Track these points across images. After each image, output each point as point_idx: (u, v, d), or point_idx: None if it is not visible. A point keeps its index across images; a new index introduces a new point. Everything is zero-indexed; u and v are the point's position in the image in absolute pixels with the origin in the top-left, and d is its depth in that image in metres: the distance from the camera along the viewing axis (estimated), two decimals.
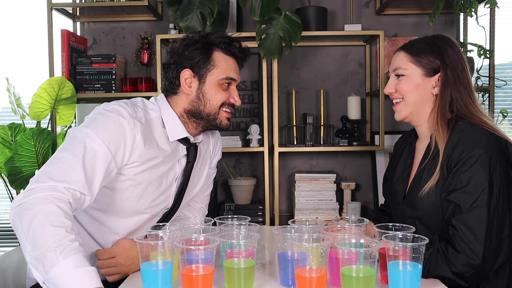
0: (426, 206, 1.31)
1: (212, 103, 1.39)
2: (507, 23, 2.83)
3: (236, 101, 1.44)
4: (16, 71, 2.92)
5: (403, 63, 1.39)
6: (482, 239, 1.17)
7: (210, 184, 1.66)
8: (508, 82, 2.61)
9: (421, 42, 1.40)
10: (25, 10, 3.03)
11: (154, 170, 1.34)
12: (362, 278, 1.00)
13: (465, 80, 1.36)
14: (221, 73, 1.39)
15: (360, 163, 2.73)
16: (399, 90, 1.40)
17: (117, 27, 2.74)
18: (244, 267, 1.06)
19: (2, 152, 2.35)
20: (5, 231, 3.06)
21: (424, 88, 1.37)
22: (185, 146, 1.43)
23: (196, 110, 1.40)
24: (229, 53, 1.42)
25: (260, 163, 2.73)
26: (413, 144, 1.49)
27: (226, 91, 1.41)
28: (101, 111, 1.29)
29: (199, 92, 1.39)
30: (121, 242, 1.30)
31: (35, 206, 1.06)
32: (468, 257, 1.17)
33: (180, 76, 1.39)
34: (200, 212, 1.63)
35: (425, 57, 1.37)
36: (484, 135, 1.27)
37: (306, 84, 2.72)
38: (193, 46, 1.39)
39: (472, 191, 1.21)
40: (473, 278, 1.18)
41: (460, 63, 1.36)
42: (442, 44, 1.38)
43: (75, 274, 0.98)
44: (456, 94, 1.34)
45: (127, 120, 1.27)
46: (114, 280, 1.26)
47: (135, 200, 1.34)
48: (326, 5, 2.60)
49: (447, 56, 1.36)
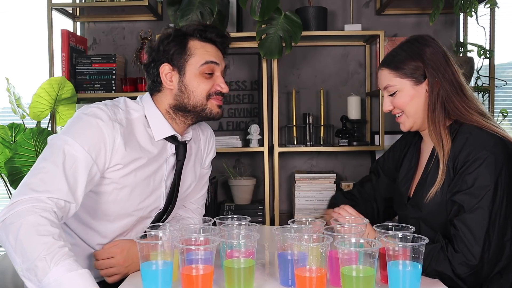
0: (430, 207, 1.31)
1: (196, 94, 1.35)
2: (507, 23, 2.83)
3: (223, 87, 1.37)
4: (16, 71, 2.91)
5: (390, 80, 1.38)
6: (481, 241, 1.17)
7: (204, 184, 1.64)
8: (508, 82, 2.61)
9: (398, 53, 1.38)
10: (25, 10, 3.03)
11: (139, 172, 1.32)
12: (362, 278, 1.00)
13: (450, 77, 1.33)
14: (199, 59, 1.34)
15: (360, 163, 2.73)
16: (397, 105, 1.39)
17: (117, 27, 2.74)
18: (244, 267, 1.06)
19: (2, 152, 2.34)
20: None
21: (419, 96, 1.36)
22: (174, 145, 1.40)
23: (181, 103, 1.36)
24: (205, 40, 1.37)
25: (260, 163, 2.73)
26: (417, 144, 1.49)
27: (209, 79, 1.36)
28: (79, 115, 1.26)
29: (181, 85, 1.35)
30: (119, 242, 1.29)
31: (19, 219, 1.04)
32: (465, 257, 1.17)
33: (160, 72, 1.35)
34: (196, 212, 1.61)
35: (408, 67, 1.35)
36: (491, 138, 1.27)
37: (306, 84, 2.72)
38: (167, 39, 1.36)
39: (476, 193, 1.20)
40: (471, 279, 1.18)
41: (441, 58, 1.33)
42: (418, 47, 1.36)
43: (69, 278, 0.97)
44: (445, 94, 1.32)
45: (106, 122, 1.24)
46: (113, 281, 1.26)
47: (121, 203, 1.31)
48: (326, 5, 2.60)
49: (426, 57, 1.34)
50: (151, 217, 1.42)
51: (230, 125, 2.72)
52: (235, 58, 2.71)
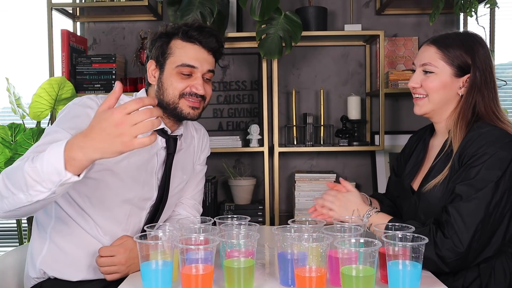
0: (434, 199, 1.31)
1: (169, 92, 1.38)
2: (507, 23, 2.83)
3: (198, 89, 1.38)
4: (16, 71, 2.91)
5: (434, 59, 1.34)
6: (472, 230, 1.18)
7: (200, 180, 1.66)
8: (508, 82, 2.61)
9: (453, 38, 1.34)
10: (25, 10, 3.03)
11: (131, 159, 1.35)
12: (362, 277, 1.00)
13: (491, 84, 1.33)
14: (176, 60, 1.38)
15: (360, 163, 2.73)
16: (425, 86, 1.36)
17: (117, 27, 2.74)
18: (244, 267, 1.06)
19: (2, 152, 2.34)
20: (5, 231, 3.06)
21: (451, 88, 1.34)
22: (164, 139, 1.44)
23: (159, 99, 1.40)
24: (188, 39, 1.39)
25: (260, 163, 2.73)
26: (427, 140, 1.49)
27: (185, 79, 1.38)
28: (68, 105, 1.34)
29: (159, 82, 1.41)
30: (124, 241, 1.30)
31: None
32: (453, 244, 1.18)
33: (147, 68, 1.43)
34: (193, 208, 1.63)
35: (457, 56, 1.32)
36: (504, 136, 1.26)
37: (306, 84, 2.72)
38: (155, 37, 1.42)
39: (477, 185, 1.21)
40: (454, 264, 1.20)
41: (489, 65, 1.33)
42: (474, 43, 1.33)
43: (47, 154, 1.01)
44: (479, 98, 1.32)
45: (94, 110, 1.28)
46: (112, 279, 1.26)
47: (114, 189, 1.35)
48: (326, 5, 2.60)
49: (478, 56, 1.32)
50: (145, 208, 1.44)
51: (230, 125, 2.72)
52: (235, 58, 2.71)
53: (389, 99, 2.70)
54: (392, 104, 2.71)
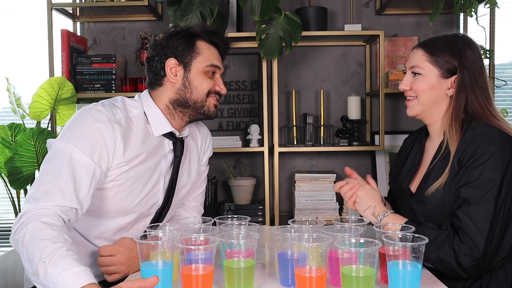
0: (435, 201, 1.31)
1: (199, 90, 1.41)
2: (507, 23, 2.83)
3: (222, 89, 1.46)
4: (16, 71, 2.91)
5: (421, 61, 1.38)
6: (485, 233, 1.19)
7: (203, 182, 1.66)
8: (508, 82, 2.61)
9: (441, 41, 1.38)
10: (25, 10, 3.03)
11: (139, 167, 1.35)
12: (362, 277, 1.00)
13: (482, 83, 1.35)
14: (206, 60, 1.42)
15: (360, 163, 2.73)
16: (414, 88, 1.39)
17: (117, 27, 2.74)
18: (244, 267, 1.06)
19: (2, 152, 2.34)
20: (5, 231, 3.06)
21: (439, 89, 1.37)
22: (171, 141, 1.44)
23: (183, 98, 1.41)
24: (211, 43, 1.45)
25: (260, 163, 2.73)
26: (423, 142, 1.50)
27: (211, 79, 1.43)
28: (78, 117, 1.30)
29: (185, 80, 1.41)
30: (124, 241, 1.30)
31: (23, 228, 1.10)
32: (470, 249, 1.18)
33: (166, 66, 1.41)
34: (195, 210, 1.63)
35: (443, 58, 1.35)
36: (499, 134, 1.27)
37: (306, 84, 2.72)
38: (176, 36, 1.42)
39: (482, 186, 1.22)
40: (472, 270, 1.20)
41: (478, 66, 1.35)
42: (461, 45, 1.36)
43: (63, 278, 1.00)
44: (472, 97, 1.34)
45: (105, 124, 1.27)
46: (113, 279, 1.26)
47: (121, 199, 1.34)
48: (326, 5, 2.60)
49: (465, 58, 1.34)
50: (151, 214, 1.44)
51: (230, 125, 2.72)
52: (235, 58, 2.71)
53: (389, 99, 2.70)
54: (392, 104, 2.71)
